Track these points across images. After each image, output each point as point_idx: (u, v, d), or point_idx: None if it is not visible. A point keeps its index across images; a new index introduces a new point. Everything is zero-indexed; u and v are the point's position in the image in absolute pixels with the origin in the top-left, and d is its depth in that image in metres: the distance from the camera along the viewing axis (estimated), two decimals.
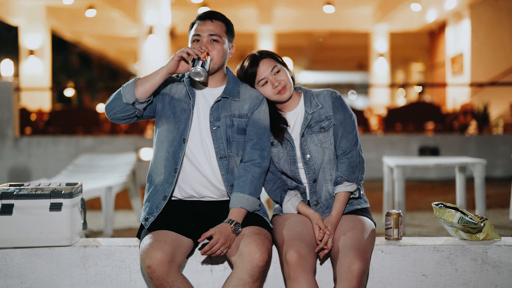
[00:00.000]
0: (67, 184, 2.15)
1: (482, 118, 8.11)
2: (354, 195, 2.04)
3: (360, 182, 2.05)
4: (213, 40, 1.96)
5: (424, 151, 6.70)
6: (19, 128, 6.66)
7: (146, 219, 1.94)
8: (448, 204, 2.12)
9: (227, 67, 2.06)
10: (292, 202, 2.02)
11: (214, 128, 1.98)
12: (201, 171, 1.98)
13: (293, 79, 2.06)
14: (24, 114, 7.96)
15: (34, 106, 10.01)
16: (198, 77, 1.89)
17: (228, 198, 2.01)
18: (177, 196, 2.02)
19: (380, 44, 13.07)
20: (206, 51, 1.90)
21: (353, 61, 18.93)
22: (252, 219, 1.94)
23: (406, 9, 11.43)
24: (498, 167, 6.68)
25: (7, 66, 11.79)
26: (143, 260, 1.78)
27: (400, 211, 2.15)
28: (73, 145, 6.56)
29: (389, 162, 3.69)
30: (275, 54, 2.07)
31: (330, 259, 2.02)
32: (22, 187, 2.10)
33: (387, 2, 11.60)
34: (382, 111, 10.55)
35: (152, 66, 9.06)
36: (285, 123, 2.05)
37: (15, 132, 6.39)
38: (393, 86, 17.61)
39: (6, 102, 6.22)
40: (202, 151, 1.98)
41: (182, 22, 11.59)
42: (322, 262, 2.05)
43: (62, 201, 2.02)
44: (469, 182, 3.93)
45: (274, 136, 2.04)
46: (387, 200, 3.78)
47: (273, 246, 1.97)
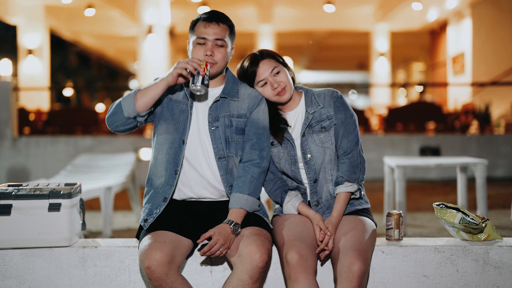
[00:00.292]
0: (66, 184, 2.14)
1: (484, 118, 8.10)
2: (355, 196, 2.03)
3: (361, 183, 2.04)
4: (218, 44, 1.94)
5: (425, 151, 6.69)
6: (17, 128, 6.65)
7: (145, 220, 1.93)
8: (449, 205, 2.11)
9: (226, 67, 2.05)
10: (292, 203, 2.01)
11: (212, 128, 1.97)
12: (200, 172, 1.97)
13: (293, 79, 2.05)
14: (23, 114, 7.95)
15: (33, 106, 9.99)
16: (198, 92, 1.88)
17: (227, 199, 2.00)
18: (175, 198, 2.01)
19: (380, 44, 13.06)
20: (205, 62, 1.86)
21: (353, 60, 18.93)
22: (252, 219, 1.93)
23: (407, 8, 11.42)
24: (499, 167, 6.67)
25: (5, 66, 11.79)
26: (142, 261, 1.77)
27: (401, 212, 2.14)
28: (72, 145, 6.55)
29: (390, 162, 3.68)
30: (275, 54, 2.06)
31: (330, 260, 2.01)
32: (21, 187, 2.09)
33: (388, 1, 11.58)
34: (383, 111, 10.54)
35: (152, 65, 9.06)
36: (285, 124, 2.04)
37: (13, 132, 6.38)
38: (394, 85, 17.60)
39: (5, 102, 6.21)
40: (201, 151, 1.97)
41: (181, 21, 11.58)
42: (322, 263, 2.04)
43: (61, 201, 2.01)
44: (470, 182, 3.92)
45: (273, 136, 2.03)
46: (388, 201, 3.77)
47: (273, 247, 1.97)
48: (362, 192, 2.08)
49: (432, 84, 13.48)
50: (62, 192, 2.02)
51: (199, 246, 1.99)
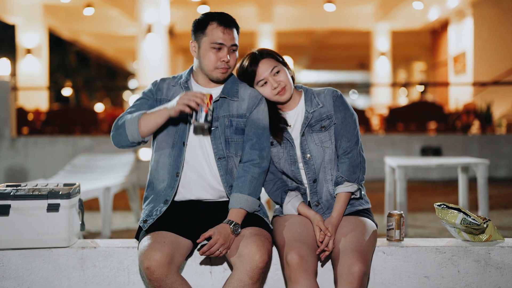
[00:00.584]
0: (65, 184, 2.13)
1: (485, 117, 8.08)
2: (355, 196, 2.02)
3: (361, 183, 2.03)
4: (233, 49, 1.95)
5: (426, 151, 6.67)
6: (16, 128, 6.63)
7: (145, 221, 1.92)
8: (450, 205, 2.10)
9: None
10: (292, 203, 2.00)
11: (212, 128, 1.96)
12: (200, 173, 1.97)
13: (293, 79, 2.04)
14: (21, 113, 7.92)
15: (31, 105, 9.98)
16: (201, 128, 1.92)
17: (227, 199, 1.99)
18: (175, 199, 2.00)
19: (381, 43, 13.05)
20: (208, 97, 1.83)
21: (354, 60, 18.93)
22: (252, 219, 1.92)
23: (408, 7, 11.41)
24: (501, 167, 6.66)
25: (4, 65, 11.79)
26: (142, 262, 1.76)
27: (402, 212, 2.13)
28: (70, 145, 6.54)
29: (390, 162, 3.67)
30: (275, 53, 2.04)
31: (330, 261, 2.00)
32: (19, 187, 2.08)
33: (389, 0, 11.57)
34: (383, 111, 10.53)
35: (151, 64, 9.04)
36: (285, 123, 2.03)
37: (12, 132, 6.37)
38: (394, 85, 17.59)
39: (3, 102, 6.20)
40: (200, 152, 1.97)
41: (181, 21, 11.58)
42: (323, 264, 2.03)
43: (60, 202, 2.00)
44: (471, 182, 3.90)
45: (273, 136, 2.02)
46: (389, 201, 3.75)
47: (273, 247, 1.95)
48: (363, 192, 2.07)
49: (433, 83, 13.47)
50: (61, 193, 2.01)
51: (198, 246, 1.98)
